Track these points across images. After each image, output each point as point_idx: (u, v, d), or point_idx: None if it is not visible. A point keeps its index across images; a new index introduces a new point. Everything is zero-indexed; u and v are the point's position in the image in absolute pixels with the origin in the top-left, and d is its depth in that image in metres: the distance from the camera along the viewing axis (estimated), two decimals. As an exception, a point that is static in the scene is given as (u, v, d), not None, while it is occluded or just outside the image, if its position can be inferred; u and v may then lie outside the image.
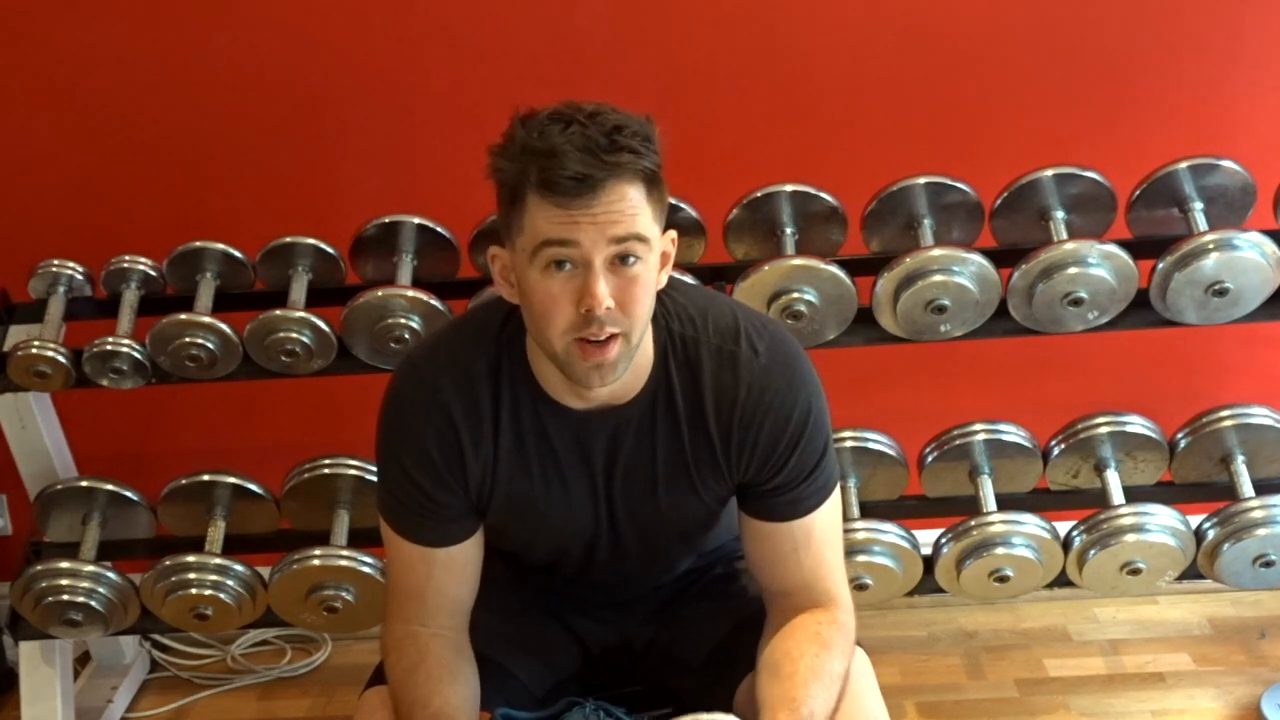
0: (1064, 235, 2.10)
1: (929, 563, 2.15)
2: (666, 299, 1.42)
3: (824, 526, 1.46)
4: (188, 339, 2.10)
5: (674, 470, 1.44)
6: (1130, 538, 2.07)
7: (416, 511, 1.45)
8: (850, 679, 1.46)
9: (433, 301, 2.08)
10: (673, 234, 1.36)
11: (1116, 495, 2.14)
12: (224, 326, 2.11)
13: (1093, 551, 2.09)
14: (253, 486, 2.24)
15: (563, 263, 1.27)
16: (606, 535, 1.50)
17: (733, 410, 1.40)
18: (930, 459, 2.21)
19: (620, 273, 1.28)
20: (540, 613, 1.64)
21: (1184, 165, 2.10)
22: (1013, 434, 2.19)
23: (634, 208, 1.26)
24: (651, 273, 1.30)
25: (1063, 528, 2.13)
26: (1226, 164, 2.10)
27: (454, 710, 1.41)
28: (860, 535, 2.11)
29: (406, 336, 2.07)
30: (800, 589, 1.46)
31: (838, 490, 1.49)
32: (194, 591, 2.15)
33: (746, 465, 1.43)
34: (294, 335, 2.10)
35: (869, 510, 2.18)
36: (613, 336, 1.29)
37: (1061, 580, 2.16)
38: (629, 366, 1.35)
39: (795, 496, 1.44)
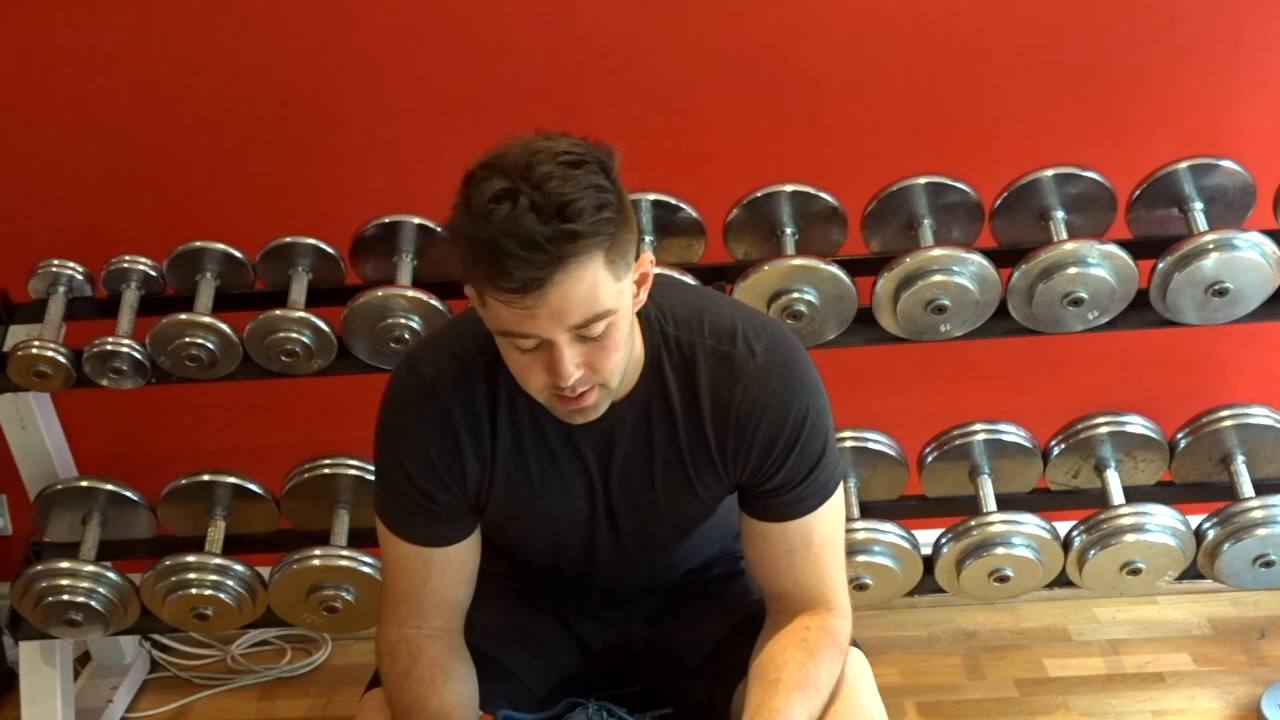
0: (1064, 235, 2.10)
1: (929, 563, 2.15)
2: (661, 300, 1.41)
3: (822, 530, 1.45)
4: (188, 339, 2.10)
5: (671, 469, 1.44)
6: (1130, 538, 2.07)
7: (414, 511, 1.44)
8: (847, 680, 1.46)
9: (433, 301, 2.08)
10: (648, 256, 1.33)
11: (1116, 495, 2.14)
12: (224, 326, 2.11)
13: (1093, 551, 2.09)
14: (253, 486, 2.24)
15: (526, 344, 1.26)
16: (605, 532, 1.50)
17: (728, 412, 1.39)
18: (930, 459, 2.22)
19: (586, 340, 1.26)
20: (540, 611, 1.64)
21: (1184, 165, 2.10)
22: (1013, 434, 2.19)
23: (589, 289, 1.21)
24: (621, 326, 1.28)
25: (1063, 528, 2.13)
26: (1226, 164, 2.10)
27: (450, 709, 1.41)
28: (860, 535, 2.11)
29: (406, 336, 2.07)
30: (796, 592, 1.46)
31: (840, 494, 1.47)
32: (194, 591, 2.15)
33: (743, 466, 1.43)
34: (294, 335, 2.10)
35: (869, 510, 2.18)
36: (588, 389, 1.30)
37: (1061, 580, 2.16)
38: (611, 396, 1.34)
39: (792, 498, 1.43)
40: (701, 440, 1.42)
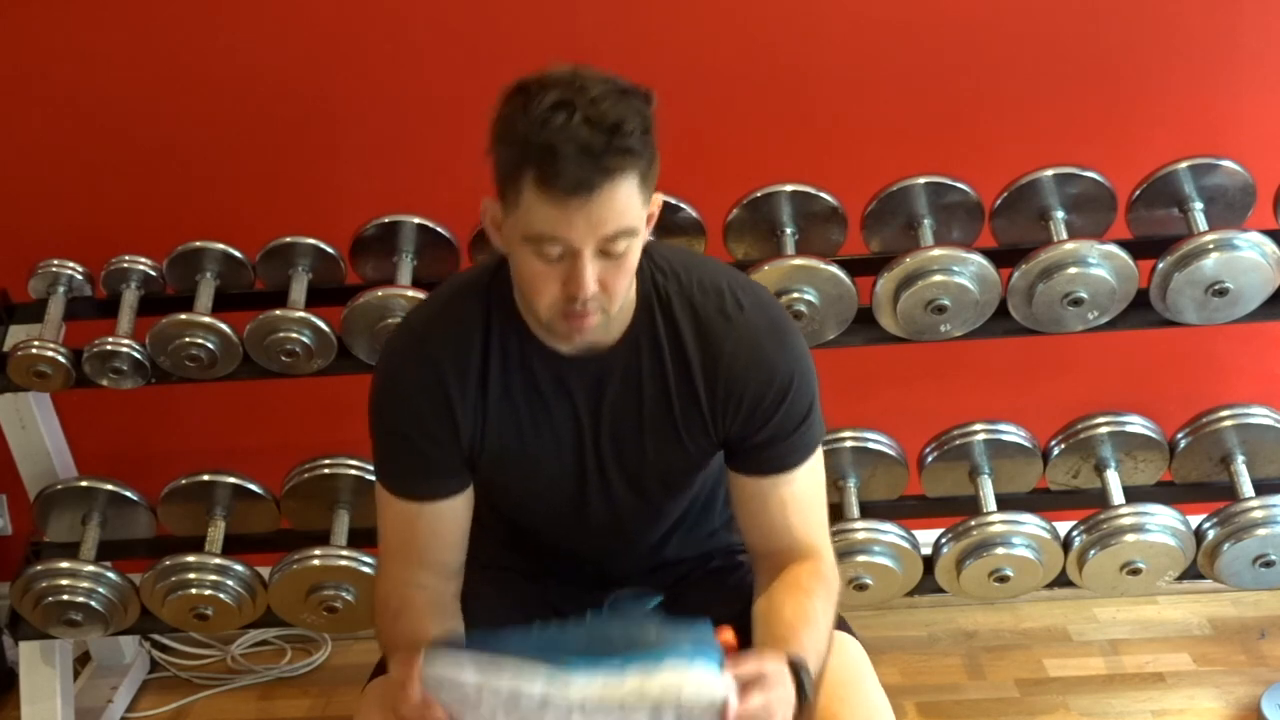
0: (1064, 235, 2.10)
1: (929, 563, 2.15)
2: (654, 253, 1.45)
3: (807, 483, 1.49)
4: (188, 339, 2.10)
5: (659, 418, 1.47)
6: (1130, 538, 2.07)
7: (406, 465, 1.48)
8: (850, 670, 1.46)
9: (433, 301, 2.08)
10: (659, 197, 1.37)
11: (1116, 495, 2.14)
12: (224, 326, 2.11)
13: (1093, 551, 2.09)
14: (253, 486, 2.24)
15: (551, 251, 1.30)
16: (595, 484, 1.51)
17: (717, 363, 1.43)
18: (930, 459, 2.22)
19: (607, 258, 1.31)
20: (536, 606, 1.63)
21: (1184, 165, 2.10)
22: (1013, 434, 2.19)
23: (625, 203, 1.27)
24: (636, 250, 1.34)
25: (1063, 528, 2.14)
26: (1226, 164, 2.10)
27: None
28: (860, 535, 2.11)
29: (406, 336, 2.07)
30: (787, 546, 1.49)
31: (820, 450, 1.51)
32: (194, 591, 2.16)
33: (732, 418, 1.45)
34: (294, 335, 2.10)
35: (869, 510, 2.18)
36: (593, 311, 1.35)
37: (1061, 580, 2.16)
38: (608, 324, 1.39)
39: (783, 450, 1.47)
40: (689, 390, 1.45)
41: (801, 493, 1.49)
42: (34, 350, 2.12)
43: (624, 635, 1.27)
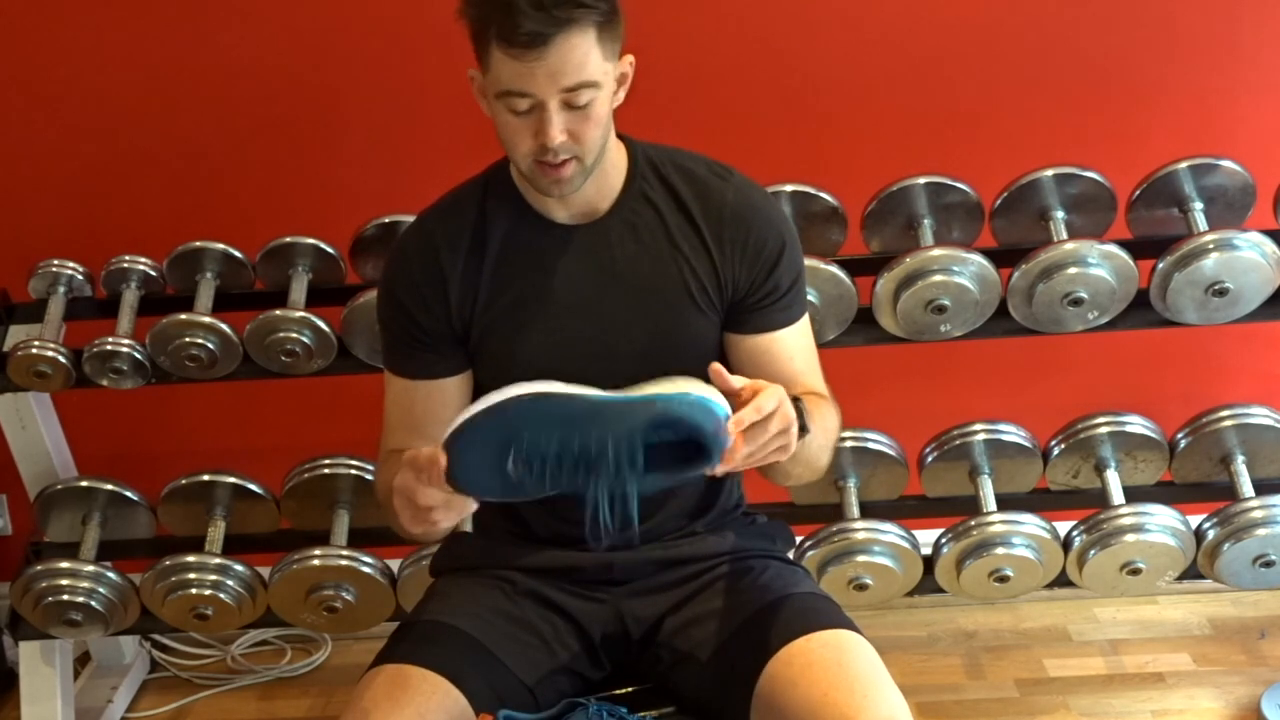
0: (1064, 235, 2.10)
1: (929, 563, 2.15)
2: (641, 141, 1.57)
3: (807, 337, 1.62)
4: (188, 339, 2.10)
5: (664, 273, 1.54)
6: (1130, 538, 2.07)
7: (404, 340, 1.57)
8: (869, 669, 1.45)
9: (433, 301, 2.08)
10: (630, 58, 1.46)
11: (1116, 495, 2.14)
12: (224, 326, 2.11)
13: (1093, 551, 2.09)
14: (253, 486, 2.24)
15: (520, 105, 1.39)
16: (594, 356, 1.53)
17: (721, 212, 1.54)
18: (930, 459, 2.22)
19: (573, 109, 1.40)
20: (532, 600, 1.62)
21: (1184, 165, 2.10)
22: (1013, 434, 2.19)
23: (583, 56, 1.36)
24: (603, 104, 1.42)
25: (1063, 528, 2.14)
26: (1226, 164, 2.10)
27: None
28: (860, 535, 2.11)
29: (406, 336, 2.07)
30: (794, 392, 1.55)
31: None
32: (194, 591, 2.16)
33: (738, 265, 1.54)
34: (294, 335, 2.10)
35: (869, 510, 2.18)
36: (567, 160, 1.43)
37: (1061, 580, 2.16)
38: (588, 178, 1.48)
39: (785, 304, 1.57)
40: (698, 240, 1.53)
41: (804, 345, 1.60)
42: (34, 350, 2.12)
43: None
